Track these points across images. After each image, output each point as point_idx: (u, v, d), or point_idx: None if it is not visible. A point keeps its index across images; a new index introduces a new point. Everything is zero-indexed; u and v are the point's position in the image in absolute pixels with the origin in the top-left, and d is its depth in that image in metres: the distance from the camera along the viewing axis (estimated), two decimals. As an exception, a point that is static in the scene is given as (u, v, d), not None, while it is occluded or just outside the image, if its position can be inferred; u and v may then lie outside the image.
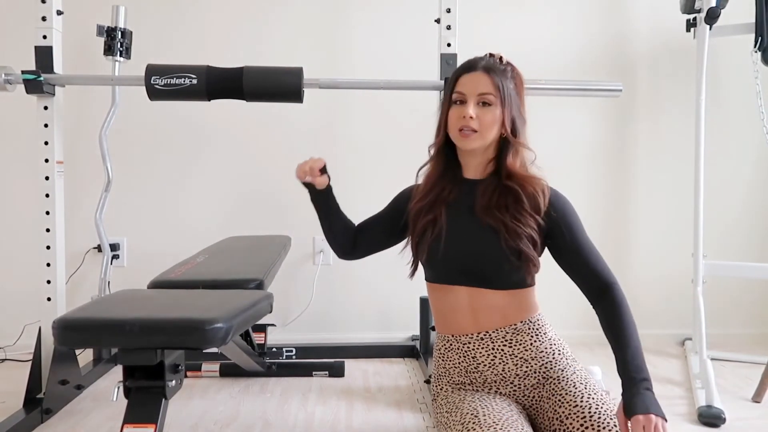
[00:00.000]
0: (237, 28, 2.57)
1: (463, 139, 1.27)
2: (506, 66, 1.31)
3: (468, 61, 1.32)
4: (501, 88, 1.25)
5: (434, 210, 1.31)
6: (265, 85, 1.88)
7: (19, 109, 2.38)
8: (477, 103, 1.26)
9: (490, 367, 1.30)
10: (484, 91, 1.25)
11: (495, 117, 1.26)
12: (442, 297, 1.35)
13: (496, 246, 1.24)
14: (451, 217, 1.29)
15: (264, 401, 1.96)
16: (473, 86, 1.26)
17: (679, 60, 2.64)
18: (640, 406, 1.12)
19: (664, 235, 2.70)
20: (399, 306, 2.59)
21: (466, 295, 1.30)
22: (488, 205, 1.27)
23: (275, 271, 1.85)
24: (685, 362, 2.37)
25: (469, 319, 1.31)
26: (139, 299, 1.37)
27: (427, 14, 2.18)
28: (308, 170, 1.36)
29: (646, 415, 1.10)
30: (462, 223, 1.29)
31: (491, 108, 1.26)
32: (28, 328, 2.39)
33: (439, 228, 1.28)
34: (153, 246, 2.54)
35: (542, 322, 1.33)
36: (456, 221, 1.29)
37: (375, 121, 2.60)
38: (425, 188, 1.35)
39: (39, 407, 1.75)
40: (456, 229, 1.29)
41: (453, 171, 1.35)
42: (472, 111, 1.25)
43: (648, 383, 1.16)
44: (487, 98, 1.25)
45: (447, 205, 1.31)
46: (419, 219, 1.32)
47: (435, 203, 1.31)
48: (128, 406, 1.24)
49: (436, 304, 1.39)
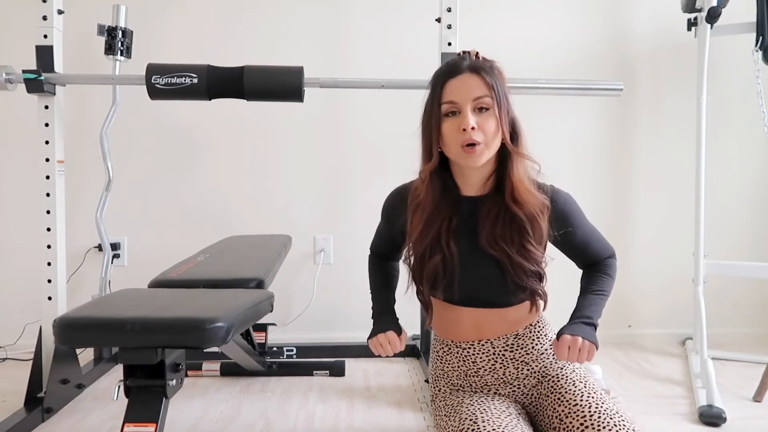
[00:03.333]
0: (237, 28, 2.56)
1: (470, 155, 1.10)
2: (490, 62, 1.16)
3: (448, 65, 1.15)
4: (495, 88, 1.11)
5: (440, 246, 1.18)
6: (266, 84, 1.87)
7: (20, 109, 2.39)
8: (474, 109, 1.10)
9: (491, 372, 1.28)
10: (478, 95, 1.10)
11: (496, 122, 1.11)
12: (445, 312, 1.31)
13: (502, 276, 1.20)
14: (460, 248, 1.19)
15: (264, 400, 1.96)
16: (465, 91, 1.10)
17: (680, 59, 2.63)
18: (570, 329, 1.14)
19: (665, 235, 2.69)
20: (399, 305, 2.58)
21: (470, 313, 1.27)
22: (492, 236, 1.16)
23: (276, 270, 1.85)
24: (686, 362, 2.37)
25: (470, 331, 1.29)
26: (140, 298, 1.37)
27: (428, 13, 2.18)
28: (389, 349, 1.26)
29: (574, 337, 1.11)
30: (469, 252, 1.20)
31: (490, 112, 1.11)
32: (29, 328, 2.39)
33: (452, 265, 1.19)
34: (153, 245, 2.54)
35: (543, 323, 1.32)
36: (464, 252, 1.20)
37: (375, 121, 2.60)
38: (423, 221, 1.18)
39: (40, 406, 1.75)
40: (466, 260, 1.20)
41: (450, 192, 1.20)
42: (473, 121, 1.09)
43: (589, 320, 1.16)
44: (484, 102, 1.10)
45: (452, 236, 1.18)
46: (426, 260, 1.20)
47: (439, 238, 1.18)
48: (129, 405, 1.25)
49: (437, 313, 1.33)
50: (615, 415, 1.12)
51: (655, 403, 1.94)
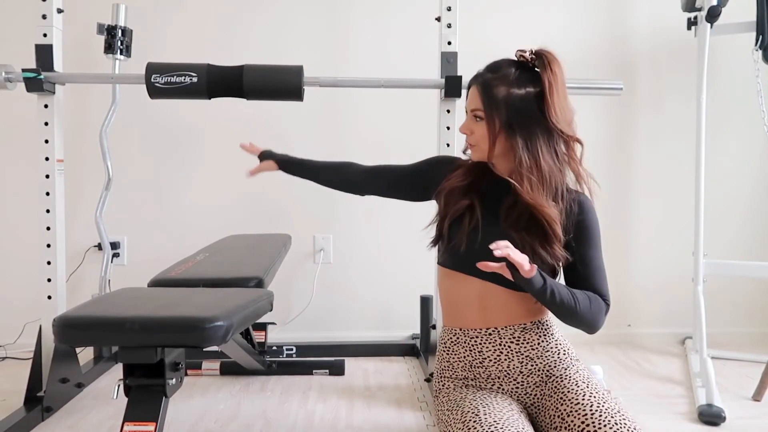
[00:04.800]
0: (237, 27, 2.56)
1: (471, 150, 1.35)
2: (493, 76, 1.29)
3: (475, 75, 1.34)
4: (484, 100, 1.27)
5: (470, 196, 1.32)
6: (266, 83, 1.87)
7: (20, 108, 2.38)
8: (472, 117, 1.31)
9: (495, 363, 1.30)
10: (473, 107, 1.30)
11: (484, 130, 1.29)
12: (454, 285, 1.35)
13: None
14: (485, 209, 1.30)
15: (264, 400, 1.96)
16: (469, 102, 1.33)
17: (680, 58, 2.63)
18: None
19: (665, 234, 2.69)
20: (399, 304, 2.60)
21: (478, 287, 1.30)
22: (517, 225, 1.26)
23: (275, 269, 1.85)
24: (686, 361, 2.38)
25: (477, 313, 1.31)
26: (140, 297, 1.37)
27: (428, 12, 2.18)
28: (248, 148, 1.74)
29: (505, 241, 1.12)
30: (492, 221, 1.29)
31: (482, 122, 1.29)
32: (29, 327, 2.39)
33: (476, 218, 1.29)
34: (153, 244, 2.54)
35: (550, 324, 1.35)
36: (488, 217, 1.29)
37: (375, 120, 2.60)
38: (464, 171, 1.37)
39: (39, 405, 1.76)
40: (488, 224, 1.29)
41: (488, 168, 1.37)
42: (465, 127, 1.32)
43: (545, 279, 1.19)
44: (477, 114, 1.29)
45: (480, 196, 1.32)
46: (454, 199, 1.33)
47: (470, 189, 1.33)
48: (128, 404, 1.25)
49: (446, 292, 1.39)
50: (616, 414, 1.13)
51: (654, 403, 1.94)
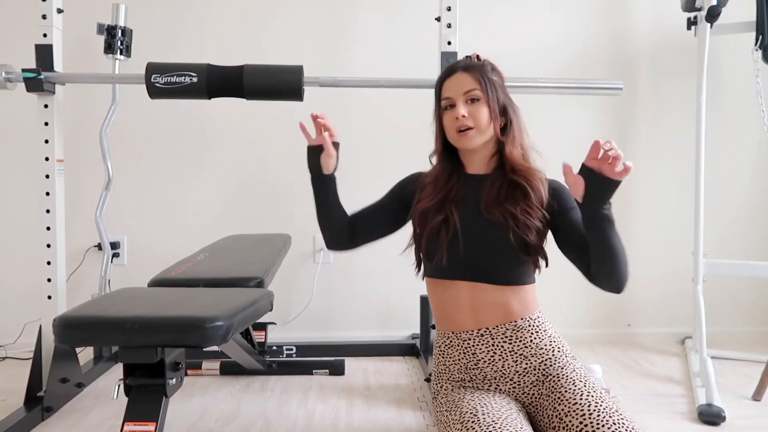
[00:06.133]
0: (237, 27, 2.56)
1: (462, 138, 1.30)
2: (484, 62, 1.34)
3: (447, 67, 1.37)
4: (482, 81, 1.29)
5: (444, 210, 1.31)
6: (266, 83, 1.87)
7: (20, 108, 2.39)
8: (466, 101, 1.29)
9: (490, 364, 1.30)
10: (468, 89, 1.29)
11: (486, 110, 1.29)
12: (443, 292, 1.35)
13: (505, 239, 1.25)
14: (462, 214, 1.31)
15: (264, 399, 1.96)
16: (458, 87, 1.30)
17: (680, 58, 2.64)
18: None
19: (665, 234, 2.70)
20: (399, 304, 2.60)
21: (467, 290, 1.31)
22: (497, 199, 1.28)
23: (275, 269, 1.85)
24: (686, 360, 2.38)
25: (469, 316, 1.31)
26: (140, 297, 1.37)
27: (428, 12, 2.18)
28: (323, 128, 1.46)
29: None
30: (472, 219, 1.30)
31: (480, 102, 1.29)
32: (29, 327, 2.39)
33: (453, 227, 1.29)
34: (153, 244, 2.54)
35: (542, 320, 1.33)
36: (466, 218, 1.30)
37: (375, 120, 2.60)
38: (433, 190, 1.35)
39: (39, 405, 1.76)
40: (468, 225, 1.30)
41: (458, 171, 1.37)
42: (463, 110, 1.28)
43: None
44: (474, 94, 1.28)
45: (456, 204, 1.32)
46: (429, 219, 1.32)
47: (444, 203, 1.32)
48: (129, 404, 1.25)
49: (436, 300, 1.39)
50: (614, 414, 1.13)
51: (654, 402, 1.94)
